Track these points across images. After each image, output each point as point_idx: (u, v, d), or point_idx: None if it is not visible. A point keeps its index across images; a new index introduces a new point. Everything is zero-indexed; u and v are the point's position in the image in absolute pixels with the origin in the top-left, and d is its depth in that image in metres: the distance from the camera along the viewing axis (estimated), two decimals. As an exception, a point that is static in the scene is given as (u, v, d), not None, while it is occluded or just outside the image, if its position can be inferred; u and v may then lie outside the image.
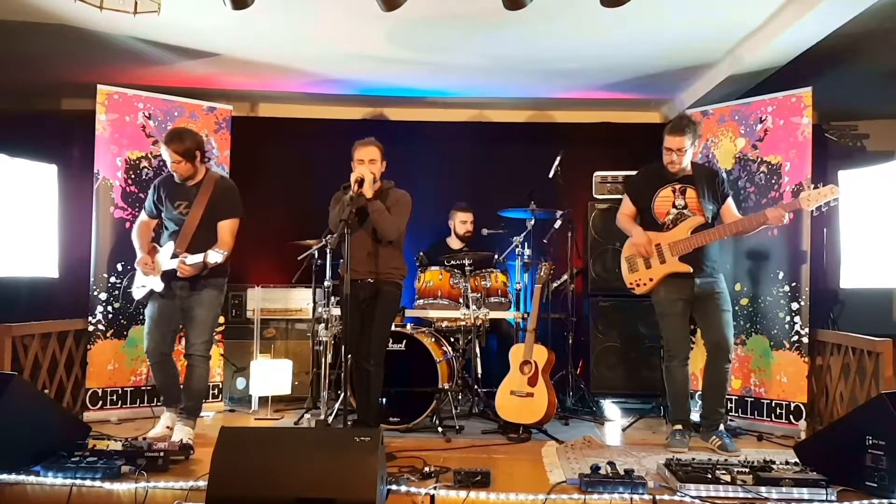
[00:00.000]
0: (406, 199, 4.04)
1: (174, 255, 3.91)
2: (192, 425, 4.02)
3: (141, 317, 4.55)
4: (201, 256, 3.80)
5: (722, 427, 4.04)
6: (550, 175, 5.13)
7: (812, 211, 3.80)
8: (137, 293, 4.12)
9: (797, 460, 3.25)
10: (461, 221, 5.49)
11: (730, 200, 4.11)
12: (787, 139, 4.54)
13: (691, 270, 3.93)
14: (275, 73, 5.31)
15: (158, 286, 3.96)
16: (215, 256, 3.77)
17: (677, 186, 4.02)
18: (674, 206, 4.01)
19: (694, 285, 3.96)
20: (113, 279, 4.74)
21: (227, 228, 4.03)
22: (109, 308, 4.73)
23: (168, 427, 4.03)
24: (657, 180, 4.06)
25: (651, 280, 4.02)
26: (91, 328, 4.67)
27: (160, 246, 4.07)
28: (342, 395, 4.01)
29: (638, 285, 4.08)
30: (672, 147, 3.94)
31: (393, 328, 4.28)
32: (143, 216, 4.22)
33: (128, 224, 4.73)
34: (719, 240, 4.02)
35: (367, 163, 3.88)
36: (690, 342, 4.18)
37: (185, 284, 3.97)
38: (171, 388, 4.10)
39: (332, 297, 4.47)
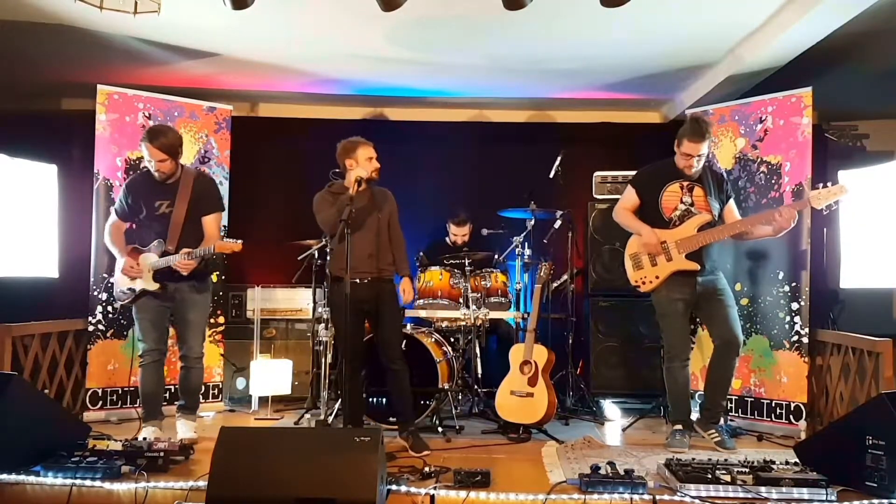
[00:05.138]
0: (394, 201, 4.06)
1: (165, 253, 3.88)
2: (193, 419, 4.11)
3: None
4: (210, 248, 3.80)
5: (722, 422, 4.04)
6: (550, 175, 5.13)
7: (822, 210, 3.78)
8: (123, 297, 4.01)
9: (797, 460, 3.24)
10: (452, 234, 5.52)
11: (732, 202, 4.12)
12: (787, 139, 4.54)
13: (699, 268, 3.92)
14: (275, 73, 5.31)
15: (152, 286, 3.90)
16: (228, 244, 3.79)
17: (685, 184, 4.01)
18: (681, 201, 4.01)
19: (696, 284, 3.96)
20: (113, 279, 4.73)
21: (213, 223, 4.03)
22: (109, 308, 4.73)
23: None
24: (665, 175, 4.04)
25: (657, 278, 4.00)
26: (91, 328, 4.67)
27: (143, 247, 3.99)
28: (342, 395, 4.01)
29: (643, 283, 4.05)
30: (692, 153, 3.89)
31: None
32: (113, 218, 4.08)
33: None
34: (725, 238, 4.01)
35: (375, 160, 3.91)
36: (691, 342, 4.17)
37: (179, 287, 3.96)
38: (158, 396, 4.07)
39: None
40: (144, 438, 3.54)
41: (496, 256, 5.24)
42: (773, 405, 4.49)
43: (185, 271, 3.84)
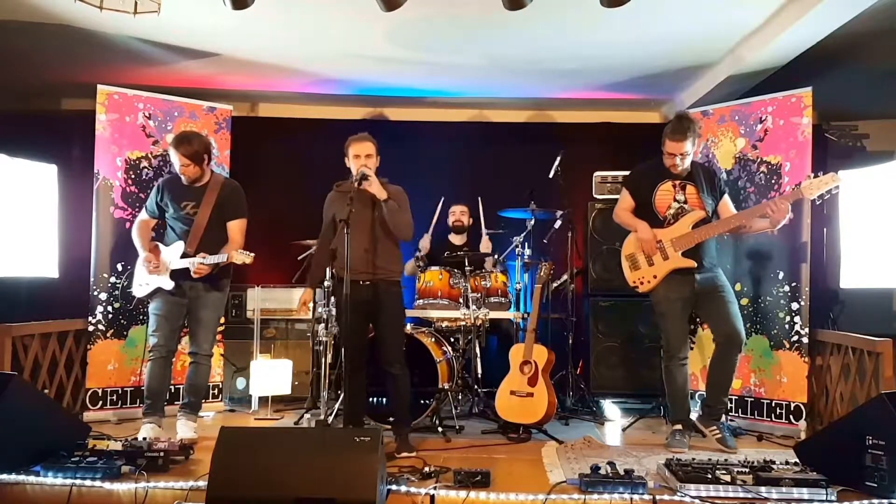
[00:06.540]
0: (404, 194, 3.97)
1: (185, 255, 3.94)
2: (194, 419, 4.12)
3: (142, 317, 4.55)
4: (224, 256, 3.87)
5: (724, 420, 4.04)
6: (550, 175, 5.13)
7: (815, 200, 3.76)
8: (139, 291, 4.11)
9: (797, 460, 3.24)
10: (451, 213, 5.58)
11: (727, 197, 4.11)
12: (787, 139, 4.54)
13: (695, 265, 3.91)
14: (275, 73, 5.32)
15: (168, 284, 3.98)
16: (242, 257, 3.86)
17: (677, 182, 4.02)
18: (675, 199, 4.01)
19: (694, 282, 3.95)
20: (113, 279, 4.74)
21: (237, 228, 4.10)
22: (109, 308, 4.73)
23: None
24: (657, 175, 4.04)
25: (655, 277, 3.99)
26: (91, 328, 4.67)
27: (165, 245, 4.08)
28: (342, 395, 4.01)
29: (641, 283, 4.05)
30: (675, 152, 3.91)
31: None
32: (143, 215, 4.22)
33: (128, 224, 4.73)
34: (720, 234, 4.01)
35: (364, 158, 3.82)
36: (690, 341, 4.17)
37: (194, 286, 4.03)
38: (162, 393, 4.09)
39: (333, 298, 4.46)
40: (144, 438, 3.55)
41: (496, 256, 5.24)
42: (773, 405, 4.49)
43: (199, 275, 3.92)
